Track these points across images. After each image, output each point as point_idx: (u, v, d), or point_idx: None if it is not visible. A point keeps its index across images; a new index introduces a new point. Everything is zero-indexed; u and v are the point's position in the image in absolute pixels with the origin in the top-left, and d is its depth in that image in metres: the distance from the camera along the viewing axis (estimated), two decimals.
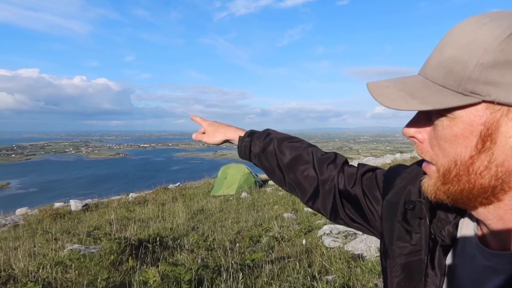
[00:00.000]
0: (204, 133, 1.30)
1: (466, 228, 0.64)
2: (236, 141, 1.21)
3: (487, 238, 0.59)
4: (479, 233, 0.61)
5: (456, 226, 0.65)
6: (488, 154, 0.51)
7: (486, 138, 0.50)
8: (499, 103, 0.49)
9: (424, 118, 0.59)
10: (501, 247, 0.56)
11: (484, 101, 0.50)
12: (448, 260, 0.65)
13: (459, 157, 0.53)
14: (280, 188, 11.92)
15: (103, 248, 4.81)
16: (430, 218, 0.66)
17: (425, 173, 0.62)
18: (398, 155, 18.19)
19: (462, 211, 0.65)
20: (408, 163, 0.91)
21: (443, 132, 0.55)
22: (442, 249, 0.64)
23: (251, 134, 1.19)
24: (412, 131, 0.60)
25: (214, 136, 1.24)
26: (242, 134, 1.21)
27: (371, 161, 18.21)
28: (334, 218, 0.99)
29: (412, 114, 0.62)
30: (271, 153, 1.11)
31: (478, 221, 0.61)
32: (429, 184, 0.59)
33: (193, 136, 1.31)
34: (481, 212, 0.56)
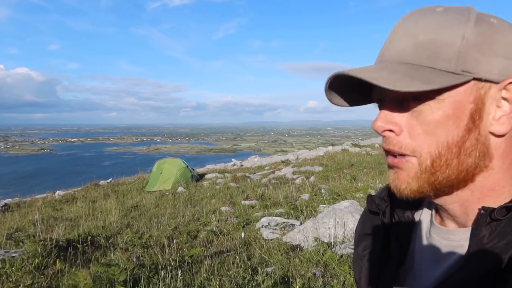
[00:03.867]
0: None
1: (424, 215, 0.67)
2: None
3: (445, 223, 0.61)
4: (437, 219, 0.63)
5: (413, 216, 0.69)
6: (476, 132, 0.53)
7: (475, 116, 0.53)
8: (485, 80, 0.52)
9: (397, 108, 0.57)
10: (459, 227, 0.59)
11: (474, 79, 0.52)
12: (408, 247, 0.67)
13: (451, 139, 0.53)
14: (217, 182, 11.86)
15: (26, 252, 4.42)
16: (390, 210, 0.69)
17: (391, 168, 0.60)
18: (330, 148, 18.95)
19: (417, 204, 0.68)
20: (339, 155, 0.95)
21: (432, 116, 0.53)
22: (398, 239, 0.67)
23: None
24: (387, 123, 0.57)
25: None
26: None
27: (305, 154, 18.77)
28: None
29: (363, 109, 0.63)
30: None
31: (436, 208, 0.63)
32: (410, 178, 0.56)
33: None
34: (449, 198, 0.57)
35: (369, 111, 0.74)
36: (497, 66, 0.51)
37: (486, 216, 0.52)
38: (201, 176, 13.66)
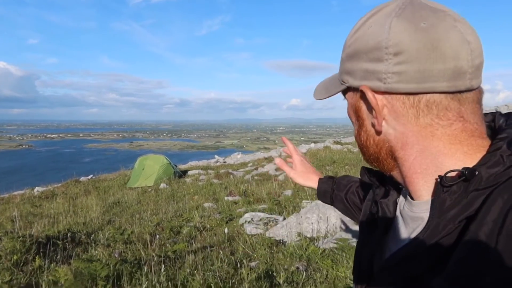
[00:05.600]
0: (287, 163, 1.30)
1: (403, 192, 0.71)
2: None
3: (413, 196, 0.65)
4: (408, 196, 0.67)
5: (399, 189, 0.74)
6: (363, 128, 0.64)
7: (357, 116, 0.65)
8: (354, 88, 0.62)
9: None
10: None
11: (348, 88, 0.64)
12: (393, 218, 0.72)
13: (355, 130, 0.68)
14: (200, 178, 11.81)
15: (4, 248, 4.32)
16: (379, 184, 0.75)
17: None
18: (312, 145, 19.04)
19: None
20: (321, 153, 1.01)
21: (347, 111, 0.69)
22: (385, 209, 0.72)
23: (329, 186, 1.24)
24: (347, 112, 0.73)
25: (305, 179, 1.26)
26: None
27: None
28: None
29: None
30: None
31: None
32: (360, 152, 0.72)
33: (278, 162, 1.28)
34: (393, 175, 0.66)
35: None
36: (359, 74, 0.60)
37: (439, 184, 0.55)
38: (183, 173, 13.58)
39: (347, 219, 4.63)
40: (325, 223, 4.62)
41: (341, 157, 13.20)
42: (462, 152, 0.56)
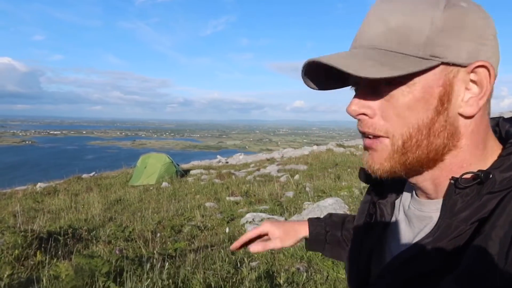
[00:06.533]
0: (262, 237, 1.08)
1: (408, 189, 0.70)
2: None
3: (420, 196, 0.64)
4: (417, 192, 0.66)
5: (400, 189, 0.73)
6: (444, 114, 0.54)
7: (444, 99, 0.54)
8: (453, 64, 0.53)
9: (370, 93, 0.58)
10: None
11: (442, 63, 0.53)
12: (393, 218, 0.71)
13: (421, 121, 0.55)
14: (202, 178, 11.81)
15: (6, 242, 4.33)
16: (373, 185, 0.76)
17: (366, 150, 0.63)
18: (315, 147, 19.04)
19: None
20: (324, 155, 0.98)
21: (403, 100, 0.55)
22: (383, 209, 0.72)
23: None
24: (360, 107, 0.59)
25: (290, 235, 1.04)
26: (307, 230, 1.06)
27: (290, 152, 18.83)
28: None
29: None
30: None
31: (415, 187, 0.65)
32: (383, 159, 0.58)
33: (257, 249, 1.01)
34: (420, 177, 0.60)
35: None
36: (466, 50, 0.53)
37: (453, 186, 0.55)
38: (185, 172, 13.58)
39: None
40: None
41: (344, 159, 13.18)
42: (486, 153, 0.57)
